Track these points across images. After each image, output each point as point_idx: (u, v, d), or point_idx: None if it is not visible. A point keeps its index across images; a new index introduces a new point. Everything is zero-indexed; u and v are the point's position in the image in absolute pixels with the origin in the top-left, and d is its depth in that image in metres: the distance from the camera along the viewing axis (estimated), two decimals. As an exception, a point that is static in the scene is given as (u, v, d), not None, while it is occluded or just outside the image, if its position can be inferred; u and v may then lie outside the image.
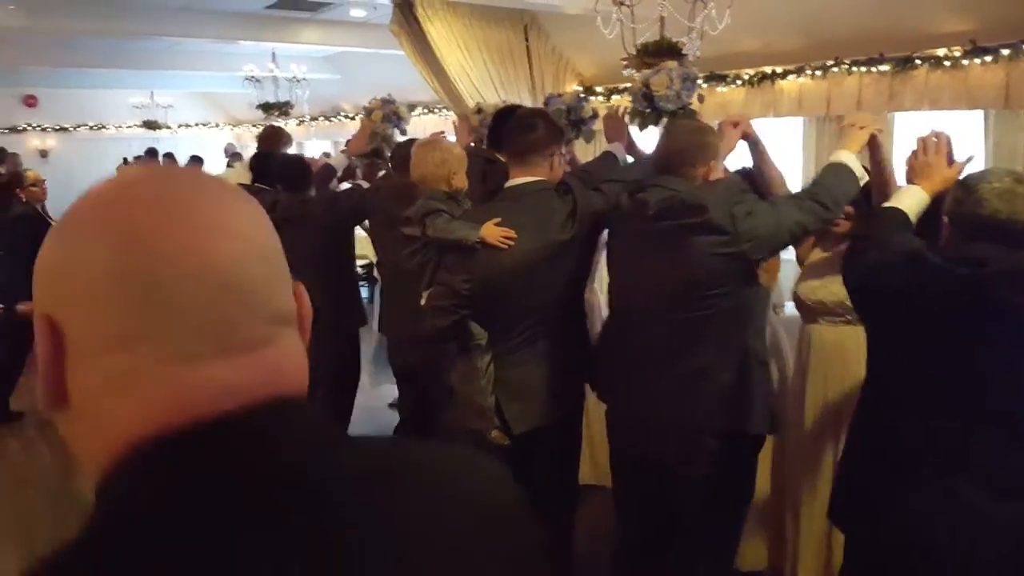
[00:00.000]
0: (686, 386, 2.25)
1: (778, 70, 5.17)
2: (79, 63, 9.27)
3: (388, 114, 4.02)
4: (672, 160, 2.31)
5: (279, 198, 3.75)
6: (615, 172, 2.66)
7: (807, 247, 2.73)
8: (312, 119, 10.72)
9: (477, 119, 3.70)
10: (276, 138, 4.61)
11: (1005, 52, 4.13)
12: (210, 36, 7.74)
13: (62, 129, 12.69)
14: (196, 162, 10.48)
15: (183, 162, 10.14)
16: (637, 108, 3.06)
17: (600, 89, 6.32)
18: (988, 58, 4.19)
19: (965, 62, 4.27)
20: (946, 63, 4.35)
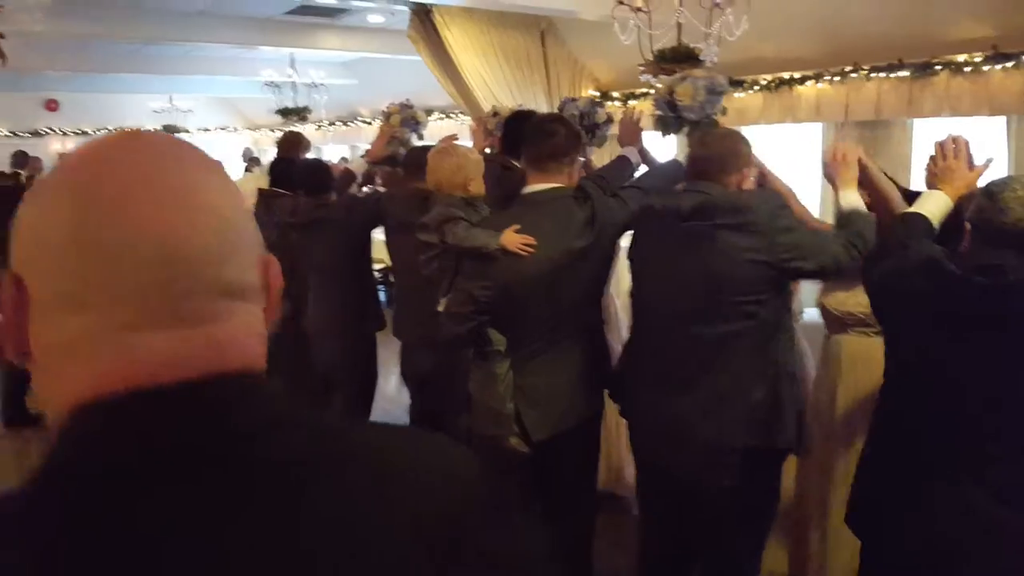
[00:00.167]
0: (715, 406, 2.20)
1: (796, 76, 5.12)
2: (100, 68, 9.35)
3: (406, 118, 4.06)
4: (706, 166, 2.29)
5: (298, 202, 3.78)
6: (631, 178, 2.65)
7: None
8: (330, 124, 10.78)
9: (493, 122, 3.70)
10: (296, 144, 4.67)
11: (1027, 58, 4.09)
12: (230, 41, 7.80)
13: (83, 133, 12.80)
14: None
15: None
16: (660, 114, 2.99)
17: (616, 94, 6.32)
18: (1009, 64, 4.14)
19: (986, 68, 4.22)
20: (967, 69, 4.30)
